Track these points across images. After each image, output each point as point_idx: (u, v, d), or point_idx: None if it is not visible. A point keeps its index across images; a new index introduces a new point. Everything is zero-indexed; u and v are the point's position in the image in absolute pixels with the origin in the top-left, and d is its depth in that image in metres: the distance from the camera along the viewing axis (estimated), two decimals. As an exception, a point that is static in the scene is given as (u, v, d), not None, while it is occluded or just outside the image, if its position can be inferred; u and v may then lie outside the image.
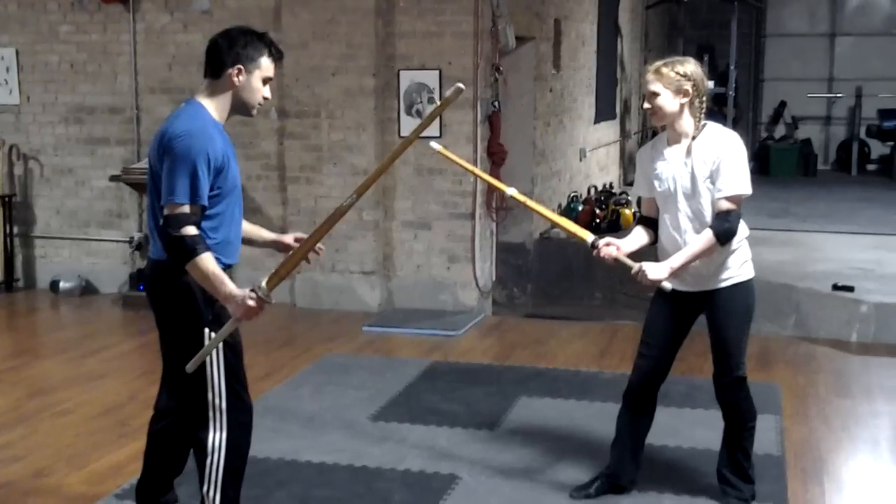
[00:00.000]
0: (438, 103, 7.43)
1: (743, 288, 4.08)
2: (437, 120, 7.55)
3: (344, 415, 5.27)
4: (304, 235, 3.72)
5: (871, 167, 16.35)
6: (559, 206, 10.21)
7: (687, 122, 3.95)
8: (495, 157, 7.75)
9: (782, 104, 17.16)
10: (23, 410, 5.38)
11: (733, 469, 4.19)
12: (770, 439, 4.93)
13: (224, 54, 3.47)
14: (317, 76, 7.60)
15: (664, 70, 3.90)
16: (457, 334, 7.07)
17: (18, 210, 8.44)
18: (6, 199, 8.31)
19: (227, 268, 3.53)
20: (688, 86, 3.88)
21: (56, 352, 6.69)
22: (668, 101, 3.89)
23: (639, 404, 4.25)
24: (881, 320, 6.90)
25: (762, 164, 15.98)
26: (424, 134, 7.74)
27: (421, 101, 7.60)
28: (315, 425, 5.10)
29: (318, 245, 3.57)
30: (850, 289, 7.15)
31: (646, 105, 3.98)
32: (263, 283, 3.35)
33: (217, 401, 3.50)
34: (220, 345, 3.46)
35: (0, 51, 8.33)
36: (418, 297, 7.75)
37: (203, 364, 3.44)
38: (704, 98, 3.97)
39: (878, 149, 16.27)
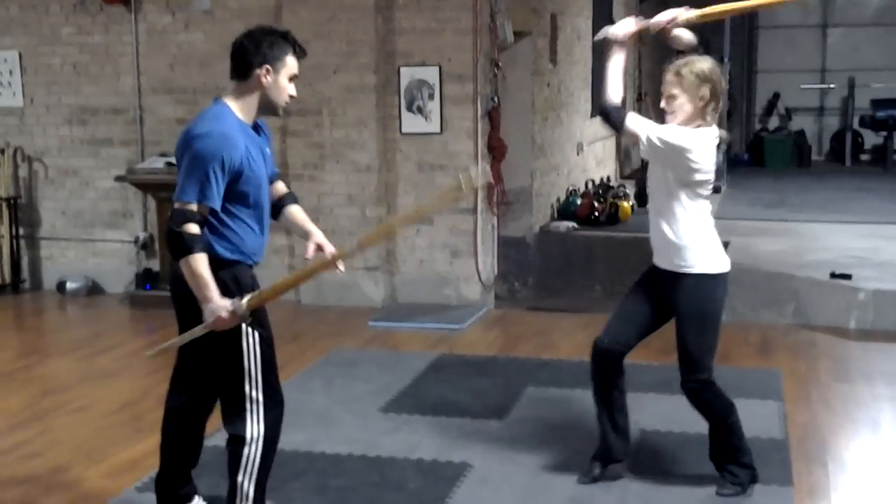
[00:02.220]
0: (436, 198, 7.53)
1: (702, 283, 4.03)
2: (439, 115, 7.66)
3: (355, 407, 5.36)
4: (330, 248, 3.77)
5: (864, 157, 16.48)
6: (558, 199, 10.30)
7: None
8: (496, 152, 7.84)
9: (776, 95, 17.29)
10: (38, 408, 5.46)
11: (724, 457, 4.26)
12: (773, 424, 5.04)
13: (250, 55, 3.52)
14: (318, 74, 7.67)
15: (684, 72, 3.95)
16: (461, 328, 7.17)
17: (24, 212, 8.51)
18: (11, 201, 8.38)
19: (251, 265, 3.61)
20: (706, 89, 3.93)
21: (66, 351, 6.77)
22: (687, 104, 3.95)
23: (605, 372, 4.25)
24: (879, 307, 7.01)
25: (756, 155, 16.11)
26: (427, 130, 7.87)
27: (421, 98, 7.68)
28: (327, 417, 5.20)
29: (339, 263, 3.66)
30: (848, 277, 7.25)
31: (663, 105, 4.01)
32: (244, 302, 3.44)
33: (255, 393, 3.58)
34: (258, 338, 3.56)
35: (3, 53, 8.39)
36: (422, 291, 7.84)
37: (240, 357, 3.53)
38: (721, 101, 4.02)
39: (871, 139, 16.39)
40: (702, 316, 4.06)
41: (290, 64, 3.57)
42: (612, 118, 3.99)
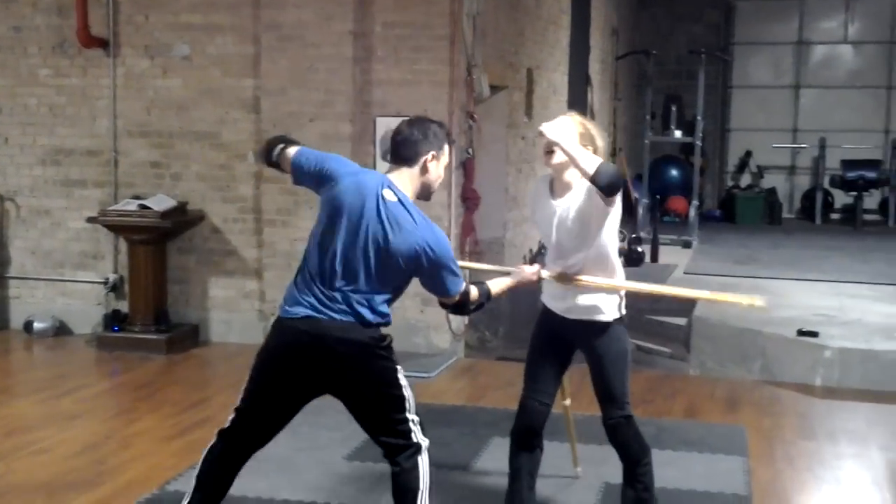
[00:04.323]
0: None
1: (614, 327, 4.17)
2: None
3: (320, 454, 5.34)
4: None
5: (834, 216, 16.69)
6: (531, 250, 10.36)
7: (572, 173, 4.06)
8: (469, 203, 7.91)
9: (748, 154, 17.53)
10: (-1, 449, 5.41)
11: None
12: (738, 480, 5.06)
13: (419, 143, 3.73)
14: (294, 122, 7.73)
15: (572, 122, 4.10)
16: (430, 376, 7.17)
17: (-6, 250, 8.48)
18: (-18, 239, 8.35)
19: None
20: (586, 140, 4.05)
21: (31, 391, 6.71)
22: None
23: (533, 430, 4.34)
24: (844, 365, 7.08)
25: (728, 212, 16.28)
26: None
27: (396, 147, 7.73)
28: (291, 465, 5.17)
29: None
30: (815, 334, 7.32)
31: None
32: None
33: (414, 426, 3.74)
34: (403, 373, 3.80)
35: (-21, 93, 8.41)
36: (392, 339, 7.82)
37: (400, 394, 3.73)
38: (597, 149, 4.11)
39: (841, 198, 16.62)
40: (621, 352, 4.21)
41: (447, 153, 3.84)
42: (615, 181, 3.87)
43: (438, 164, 3.78)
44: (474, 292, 3.90)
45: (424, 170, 3.74)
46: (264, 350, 3.77)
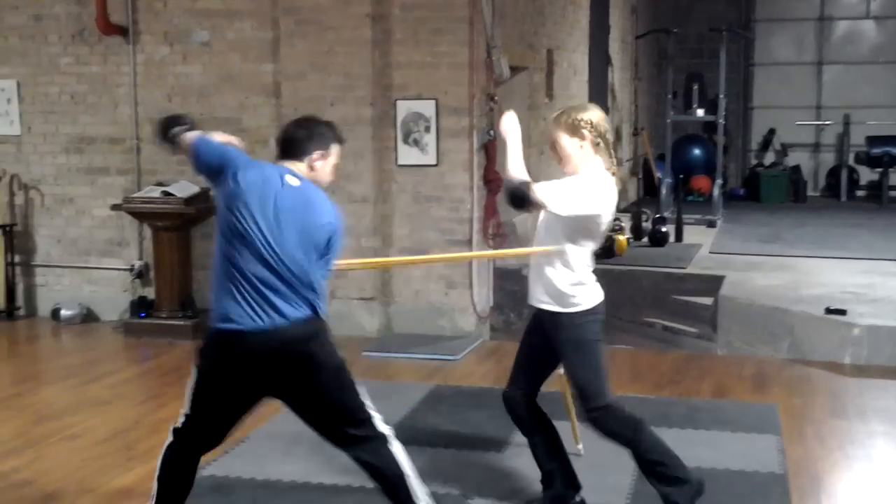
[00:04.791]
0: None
1: (566, 317, 4.06)
2: (435, 148, 7.69)
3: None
4: None
5: (860, 193, 16.53)
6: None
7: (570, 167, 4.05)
8: (492, 185, 7.87)
9: (771, 131, 17.37)
10: (30, 435, 5.44)
11: (657, 480, 4.13)
12: (772, 458, 5.03)
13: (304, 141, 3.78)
14: (315, 106, 7.69)
15: (562, 119, 4.04)
16: (456, 359, 7.16)
17: (19, 239, 8.51)
18: (7, 228, 8.39)
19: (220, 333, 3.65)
20: (585, 132, 3.99)
21: (60, 378, 6.75)
22: (567, 150, 4.01)
23: (519, 418, 4.33)
24: (873, 343, 7.01)
25: (752, 190, 16.15)
26: (423, 162, 7.92)
27: (418, 130, 7.71)
28: (324, 448, 5.09)
29: None
30: (843, 312, 7.26)
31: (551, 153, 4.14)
32: None
33: (374, 412, 3.76)
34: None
35: (1, 82, 8.43)
36: (417, 322, 7.83)
37: (354, 384, 3.74)
38: (606, 140, 4.06)
39: (866, 175, 16.45)
40: (581, 345, 4.08)
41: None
42: (517, 194, 3.93)
43: (325, 163, 3.78)
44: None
45: (311, 168, 3.75)
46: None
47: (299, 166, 3.75)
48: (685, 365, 7.06)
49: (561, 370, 4.34)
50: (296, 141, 3.77)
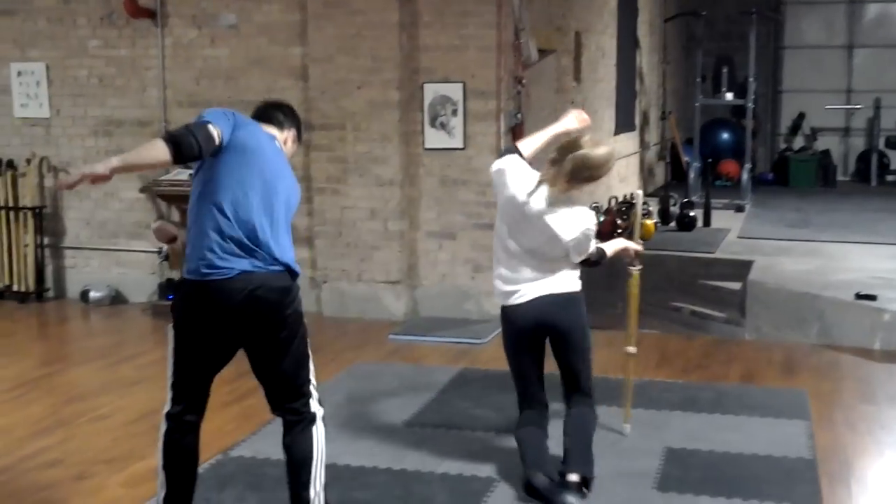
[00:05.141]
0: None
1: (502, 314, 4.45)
2: (462, 131, 7.67)
3: (379, 420, 5.36)
4: None
5: (890, 178, 16.35)
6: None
7: None
8: (519, 168, 7.83)
9: (801, 115, 17.19)
10: (60, 416, 5.49)
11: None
12: (801, 444, 5.00)
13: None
14: (342, 89, 7.71)
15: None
16: (483, 342, 7.15)
17: (49, 221, 8.57)
18: (37, 210, 8.45)
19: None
20: None
21: (89, 359, 6.80)
22: None
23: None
24: (904, 328, 6.95)
25: (781, 175, 16.02)
26: (450, 145, 7.90)
27: (445, 114, 7.69)
28: (351, 430, 5.19)
29: None
30: (873, 297, 7.19)
31: None
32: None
33: (313, 378, 3.81)
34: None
35: (30, 65, 8.48)
36: (443, 306, 7.83)
37: (307, 358, 3.74)
38: None
39: (897, 160, 16.30)
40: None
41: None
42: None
43: (293, 147, 3.94)
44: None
45: (285, 142, 3.88)
46: None
47: (277, 135, 3.85)
48: (713, 350, 7.03)
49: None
50: (277, 115, 3.90)
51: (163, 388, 5.95)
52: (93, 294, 8.31)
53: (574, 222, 4.19)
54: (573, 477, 4.24)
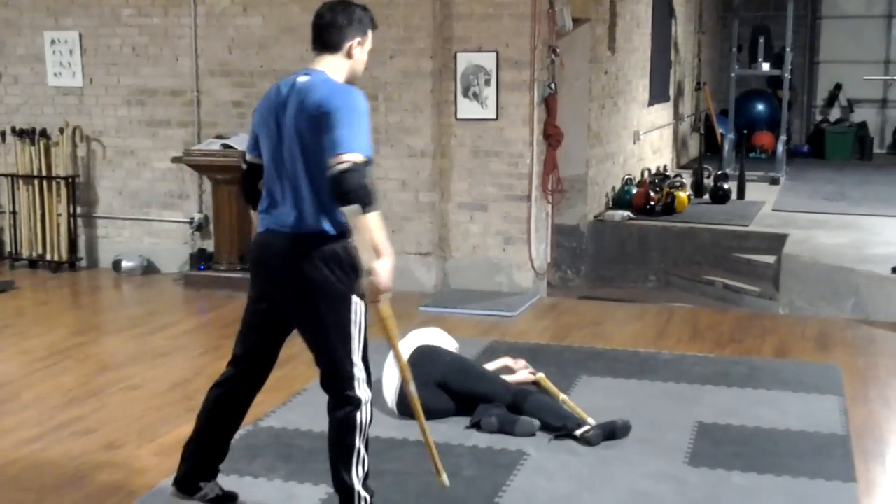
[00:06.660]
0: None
1: None
2: (495, 101, 7.61)
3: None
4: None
5: (928, 151, 16.13)
6: (613, 188, 10.21)
7: None
8: (552, 140, 7.78)
9: (838, 87, 16.94)
10: (92, 385, 5.52)
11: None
12: (834, 419, 4.93)
13: (344, 28, 3.62)
14: (374, 59, 7.56)
15: None
16: (513, 315, 7.12)
17: (82, 191, 8.61)
18: (70, 179, 8.48)
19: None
20: None
21: (121, 329, 6.83)
22: None
23: None
24: (942, 304, 6.85)
25: (817, 147, 15.82)
26: (483, 116, 7.83)
27: (478, 84, 7.63)
28: (381, 402, 5.17)
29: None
30: (911, 272, 7.09)
31: None
32: None
33: (358, 360, 3.61)
34: (363, 309, 3.61)
35: (64, 34, 8.49)
36: (474, 278, 7.80)
37: (350, 325, 3.57)
38: None
39: (935, 132, 16.04)
40: None
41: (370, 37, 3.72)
42: None
43: (363, 50, 3.67)
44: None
45: (349, 55, 3.63)
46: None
47: (329, 60, 3.62)
48: (747, 324, 6.96)
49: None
50: (334, 29, 3.62)
51: (193, 359, 6.04)
52: (125, 264, 8.35)
53: None
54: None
